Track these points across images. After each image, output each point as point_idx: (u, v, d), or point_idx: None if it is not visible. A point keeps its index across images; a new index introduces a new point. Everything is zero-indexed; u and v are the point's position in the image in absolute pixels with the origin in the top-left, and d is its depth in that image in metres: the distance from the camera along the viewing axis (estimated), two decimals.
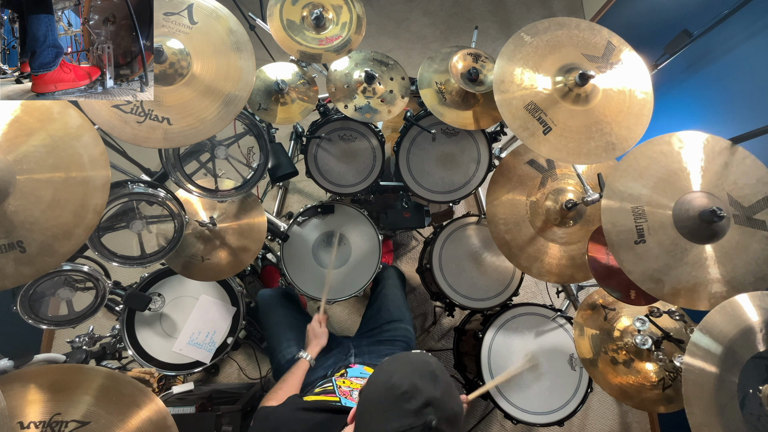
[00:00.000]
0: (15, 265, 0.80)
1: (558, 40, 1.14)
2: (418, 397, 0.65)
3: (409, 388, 0.65)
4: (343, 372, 1.15)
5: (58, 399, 0.83)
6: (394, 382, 0.67)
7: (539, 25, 1.14)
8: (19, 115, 0.82)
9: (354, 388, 1.01)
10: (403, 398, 0.65)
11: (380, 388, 0.69)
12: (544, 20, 1.15)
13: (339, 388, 1.00)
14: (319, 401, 0.94)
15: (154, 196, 1.09)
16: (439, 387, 0.67)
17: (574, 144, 1.08)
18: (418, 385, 0.66)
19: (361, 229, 1.60)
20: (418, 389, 0.65)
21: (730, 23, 1.37)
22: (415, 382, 0.66)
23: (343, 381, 1.05)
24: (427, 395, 0.65)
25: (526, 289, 2.17)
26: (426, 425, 0.63)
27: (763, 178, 0.99)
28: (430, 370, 0.69)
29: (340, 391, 0.99)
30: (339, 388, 1.00)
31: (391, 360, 0.74)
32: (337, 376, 1.11)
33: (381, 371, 0.72)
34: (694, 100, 1.84)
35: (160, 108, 0.93)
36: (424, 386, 0.66)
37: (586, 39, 1.15)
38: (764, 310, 0.86)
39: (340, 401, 0.94)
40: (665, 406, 1.12)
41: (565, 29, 1.15)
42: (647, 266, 0.94)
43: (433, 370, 0.69)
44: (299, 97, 1.36)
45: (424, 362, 0.71)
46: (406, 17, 2.64)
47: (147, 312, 1.40)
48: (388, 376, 0.69)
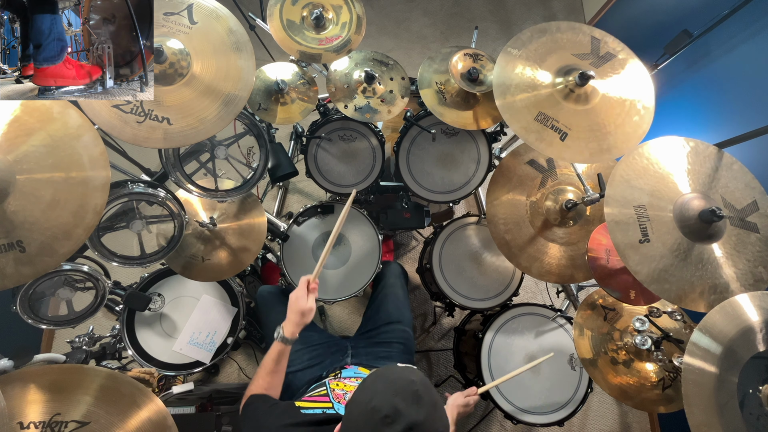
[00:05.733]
0: (15, 265, 0.80)
1: (545, 47, 1.14)
2: (400, 421, 0.63)
3: (391, 412, 0.63)
4: (336, 373, 1.15)
5: (58, 399, 0.83)
6: (374, 405, 0.64)
7: (522, 36, 1.15)
8: (19, 115, 0.82)
9: (348, 391, 1.00)
10: (384, 423, 0.63)
11: (362, 409, 0.67)
12: (525, 30, 1.15)
13: (332, 392, 0.99)
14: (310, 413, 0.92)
15: (154, 196, 1.09)
16: (422, 410, 0.64)
17: (595, 143, 1.08)
18: (399, 408, 0.63)
19: (361, 229, 1.60)
20: (399, 413, 0.63)
21: (730, 23, 1.37)
22: (397, 405, 0.64)
23: (336, 384, 1.04)
24: (408, 419, 0.63)
25: (526, 289, 2.17)
26: None
27: (750, 183, 1.02)
28: (413, 390, 0.66)
29: (333, 395, 0.98)
30: (332, 392, 0.99)
31: (375, 377, 0.71)
32: (331, 378, 1.11)
33: (364, 389, 0.70)
34: (694, 100, 1.84)
35: (160, 108, 0.93)
36: (406, 410, 0.63)
37: (570, 39, 1.16)
38: (764, 310, 0.86)
39: (333, 407, 0.94)
40: (665, 406, 1.12)
41: (547, 35, 1.16)
42: (653, 266, 0.94)
43: (416, 390, 0.66)
44: (299, 97, 1.36)
45: (407, 381, 0.68)
46: (406, 17, 2.64)
47: (147, 312, 1.40)
48: (369, 397, 0.66)
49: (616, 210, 0.96)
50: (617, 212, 0.96)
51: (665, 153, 1.01)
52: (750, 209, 1.00)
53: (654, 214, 0.96)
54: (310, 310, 1.04)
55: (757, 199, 1.01)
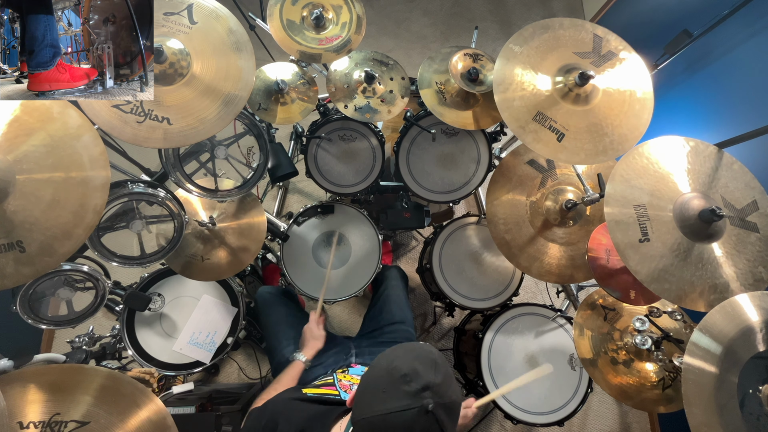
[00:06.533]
0: (15, 265, 0.80)
1: (547, 44, 1.14)
2: (418, 380, 0.66)
3: (409, 372, 0.67)
4: (344, 370, 1.15)
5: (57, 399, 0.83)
6: (395, 365, 0.68)
7: (524, 32, 1.14)
8: (19, 115, 0.82)
9: (354, 383, 1.01)
10: (402, 380, 0.66)
11: (381, 371, 0.70)
12: (527, 26, 1.14)
13: (339, 382, 1.01)
14: (317, 394, 0.93)
15: (154, 196, 1.09)
16: (439, 374, 0.68)
17: (591, 145, 1.08)
18: (418, 369, 0.67)
19: (361, 229, 1.60)
20: (418, 373, 0.67)
21: (730, 23, 1.37)
22: (416, 366, 0.67)
23: (344, 375, 1.05)
24: (426, 380, 0.66)
25: (526, 289, 2.17)
26: (423, 408, 0.64)
27: (750, 183, 1.02)
28: (431, 358, 0.70)
29: (340, 384, 0.99)
30: (339, 382, 1.01)
31: (396, 347, 0.75)
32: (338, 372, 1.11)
33: (384, 356, 0.73)
34: (694, 100, 1.84)
35: (160, 108, 0.93)
36: (424, 371, 0.67)
37: (573, 36, 1.15)
38: (764, 310, 0.86)
39: (339, 395, 0.94)
40: (665, 406, 1.12)
41: (550, 31, 1.15)
42: (653, 266, 0.94)
43: (434, 358, 0.70)
44: (299, 97, 1.36)
45: (427, 351, 0.72)
46: (406, 17, 2.64)
47: (147, 312, 1.40)
48: (390, 360, 0.70)
49: (616, 210, 0.96)
50: (617, 212, 0.96)
51: (665, 153, 1.01)
52: (750, 209, 1.00)
53: (654, 214, 0.96)
54: (321, 337, 1.27)
55: (757, 199, 1.01)
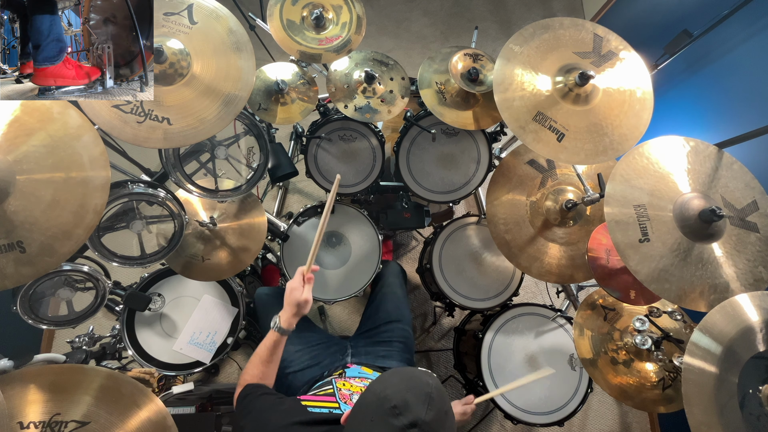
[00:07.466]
0: (15, 265, 0.80)
1: (547, 44, 1.14)
2: (407, 414, 0.62)
3: (399, 404, 0.63)
4: (341, 372, 1.15)
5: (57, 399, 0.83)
6: (386, 394, 0.65)
7: (524, 32, 1.14)
8: (19, 115, 0.82)
9: (354, 392, 1.00)
10: (391, 413, 0.63)
11: (373, 397, 0.67)
12: (527, 26, 1.14)
13: (339, 392, 0.99)
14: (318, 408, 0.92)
15: (154, 196, 1.09)
16: (431, 411, 0.63)
17: (591, 145, 1.07)
18: (409, 402, 0.63)
19: (361, 229, 1.60)
20: (408, 407, 0.63)
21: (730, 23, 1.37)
22: (408, 398, 0.64)
23: (342, 383, 1.03)
24: (415, 416, 0.62)
25: (526, 289, 2.17)
26: None
27: (750, 183, 1.02)
28: (426, 392, 0.65)
29: (340, 395, 0.98)
30: (339, 392, 0.99)
31: (394, 371, 0.72)
32: (336, 376, 1.11)
33: (380, 381, 0.70)
34: (694, 100, 1.84)
35: (160, 108, 0.93)
36: (415, 405, 0.63)
37: (573, 36, 1.15)
38: (764, 310, 0.86)
39: (339, 407, 0.94)
40: (665, 406, 1.11)
41: (550, 31, 1.15)
42: (653, 266, 0.94)
43: (429, 392, 0.66)
44: (299, 97, 1.36)
45: (423, 382, 0.67)
46: (406, 17, 2.64)
47: (147, 312, 1.40)
48: (383, 387, 0.67)
49: (616, 209, 0.96)
50: (617, 212, 0.96)
51: (665, 152, 1.01)
52: (750, 209, 1.00)
53: (654, 214, 0.96)
54: (306, 302, 1.01)
55: (757, 199, 1.01)
